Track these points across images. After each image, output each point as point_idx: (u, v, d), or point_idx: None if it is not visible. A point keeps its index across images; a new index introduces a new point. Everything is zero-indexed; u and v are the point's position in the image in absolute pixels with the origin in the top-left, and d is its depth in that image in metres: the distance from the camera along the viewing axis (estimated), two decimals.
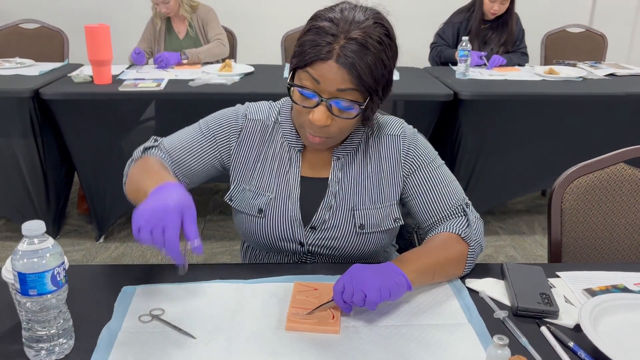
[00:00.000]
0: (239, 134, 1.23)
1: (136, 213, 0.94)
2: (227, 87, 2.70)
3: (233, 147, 1.23)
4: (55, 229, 2.96)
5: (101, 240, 2.97)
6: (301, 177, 1.22)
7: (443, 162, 1.25)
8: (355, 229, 1.20)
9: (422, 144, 1.24)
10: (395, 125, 1.24)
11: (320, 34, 1.03)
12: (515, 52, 3.49)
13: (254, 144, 1.23)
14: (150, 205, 0.94)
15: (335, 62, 1.02)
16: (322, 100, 1.05)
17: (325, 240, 1.21)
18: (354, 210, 1.20)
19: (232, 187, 1.25)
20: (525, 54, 3.53)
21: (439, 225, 1.20)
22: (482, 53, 3.30)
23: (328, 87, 1.04)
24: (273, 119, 1.24)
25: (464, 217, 1.19)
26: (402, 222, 1.24)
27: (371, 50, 1.02)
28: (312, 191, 1.22)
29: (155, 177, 1.06)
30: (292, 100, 1.10)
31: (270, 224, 1.21)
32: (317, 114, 1.06)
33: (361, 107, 1.06)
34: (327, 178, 1.21)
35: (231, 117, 1.24)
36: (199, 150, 1.22)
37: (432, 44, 3.61)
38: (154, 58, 3.13)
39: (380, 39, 1.04)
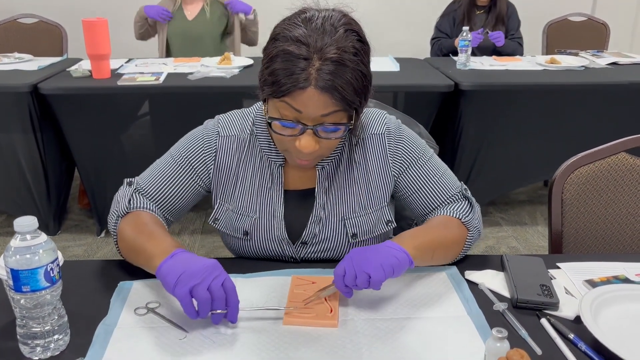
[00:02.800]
0: (215, 155, 1.16)
1: (182, 278, 0.89)
2: (226, 80, 2.68)
3: (211, 169, 1.17)
4: (56, 224, 2.96)
5: (102, 235, 2.97)
6: (285, 191, 1.17)
7: (432, 151, 1.22)
8: (347, 239, 1.17)
9: (409, 138, 1.19)
10: (378, 122, 1.18)
11: (291, 60, 0.94)
12: (513, 40, 3.47)
13: (232, 162, 1.17)
14: (193, 268, 0.90)
15: (314, 88, 0.94)
16: (307, 128, 1.00)
17: (318, 253, 1.19)
18: (344, 219, 1.16)
19: (215, 209, 1.20)
20: (521, 45, 3.51)
21: (439, 210, 1.18)
22: (480, 30, 3.31)
23: (311, 114, 0.97)
24: (248, 131, 1.16)
25: (465, 201, 1.18)
26: (394, 225, 1.21)
27: (349, 67, 0.95)
28: (299, 205, 1.17)
29: (157, 241, 1.01)
30: (273, 131, 1.03)
31: (258, 245, 1.18)
32: (304, 141, 1.00)
33: (349, 126, 1.02)
34: (313, 189, 1.16)
35: (203, 139, 1.17)
36: (179, 183, 1.16)
37: (432, 39, 3.60)
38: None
39: (355, 50, 0.97)
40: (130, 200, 1.13)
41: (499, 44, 3.32)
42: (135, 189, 1.15)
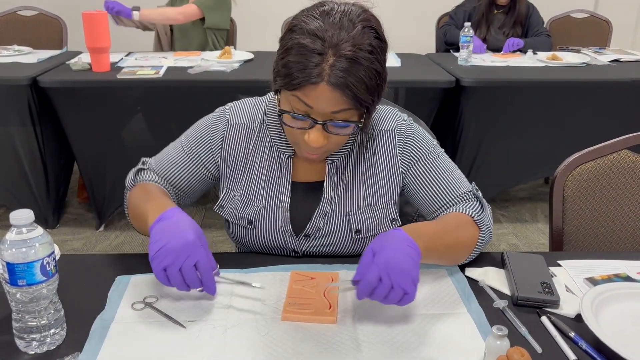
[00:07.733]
0: (222, 144, 1.17)
1: (158, 254, 0.91)
2: (226, 74, 2.68)
3: (218, 158, 1.18)
4: (55, 218, 2.95)
5: (101, 228, 2.96)
6: (293, 182, 1.16)
7: (443, 150, 1.21)
8: (350, 235, 1.16)
9: (419, 134, 1.18)
10: (389, 119, 1.18)
11: (305, 54, 0.93)
12: (540, 35, 3.44)
13: (240, 150, 1.17)
14: (172, 244, 0.92)
15: (326, 84, 0.93)
16: (316, 123, 0.99)
17: (320, 247, 1.18)
18: (349, 215, 1.15)
19: (221, 196, 1.20)
20: (549, 36, 3.47)
21: (450, 208, 1.14)
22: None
23: (322, 110, 0.96)
24: (259, 120, 1.17)
25: (476, 200, 1.14)
26: (399, 224, 1.19)
27: (364, 65, 0.93)
28: (306, 197, 1.16)
29: (155, 202, 1.04)
30: (283, 122, 1.03)
31: (261, 235, 1.17)
32: (312, 135, 0.99)
33: (359, 125, 1.00)
34: (321, 182, 1.15)
35: (211, 128, 1.17)
36: (186, 169, 1.18)
37: (443, 23, 3.59)
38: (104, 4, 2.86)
39: (372, 48, 0.95)
40: (137, 173, 1.19)
41: (519, 47, 3.30)
42: (146, 169, 1.20)
